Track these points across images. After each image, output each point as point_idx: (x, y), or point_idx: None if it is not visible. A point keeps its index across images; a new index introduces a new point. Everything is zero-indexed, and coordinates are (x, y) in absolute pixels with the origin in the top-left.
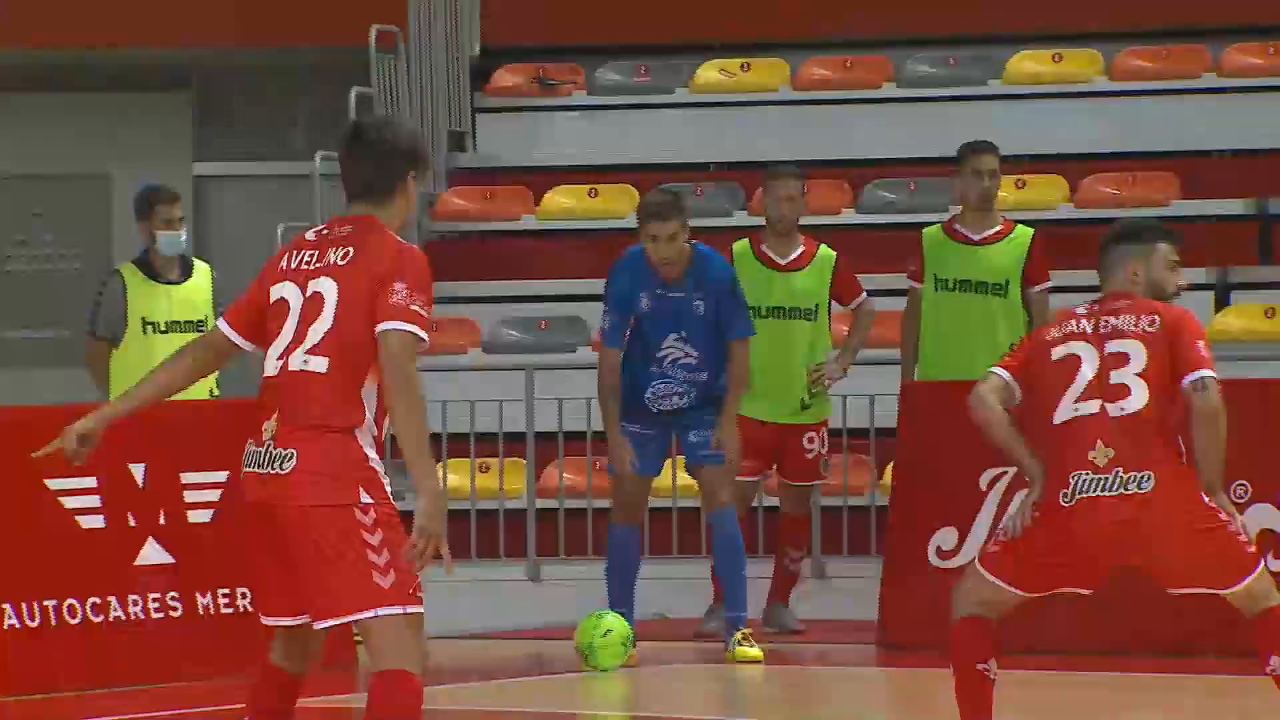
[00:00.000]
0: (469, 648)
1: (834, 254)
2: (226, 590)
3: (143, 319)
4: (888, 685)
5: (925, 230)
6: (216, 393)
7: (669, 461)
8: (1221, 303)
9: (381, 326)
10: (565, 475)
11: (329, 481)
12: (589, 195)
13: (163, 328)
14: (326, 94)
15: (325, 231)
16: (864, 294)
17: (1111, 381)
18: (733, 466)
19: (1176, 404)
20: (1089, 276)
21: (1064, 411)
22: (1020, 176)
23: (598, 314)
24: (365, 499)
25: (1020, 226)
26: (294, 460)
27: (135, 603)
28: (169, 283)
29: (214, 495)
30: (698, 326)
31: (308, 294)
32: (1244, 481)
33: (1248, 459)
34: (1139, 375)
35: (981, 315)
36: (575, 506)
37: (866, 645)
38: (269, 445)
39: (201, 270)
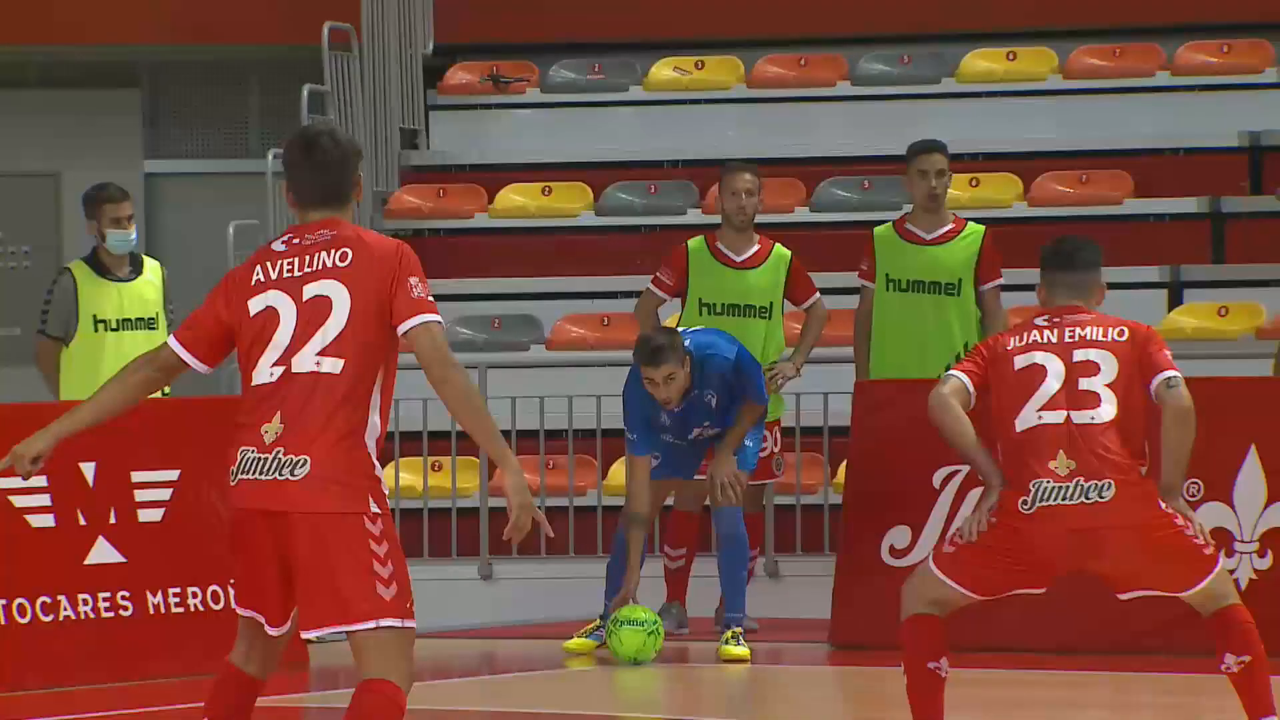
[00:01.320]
0: (421, 646)
1: (789, 253)
2: (178, 589)
3: (94, 316)
4: (840, 684)
5: (876, 230)
6: (167, 391)
7: None
8: (1174, 301)
9: (411, 323)
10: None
11: (340, 489)
12: (542, 193)
13: (114, 325)
14: (278, 92)
15: (297, 240)
16: (817, 293)
17: (1080, 389)
18: (742, 473)
19: (1140, 415)
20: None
21: (1026, 419)
22: (974, 175)
23: (551, 312)
24: (374, 509)
25: (971, 224)
26: (307, 466)
27: (86, 602)
28: (119, 280)
29: (165, 494)
30: (715, 414)
31: (305, 299)
32: (1197, 480)
33: (1200, 458)
34: (1108, 385)
35: (934, 314)
36: None
37: (819, 644)
38: (276, 452)
39: (152, 267)
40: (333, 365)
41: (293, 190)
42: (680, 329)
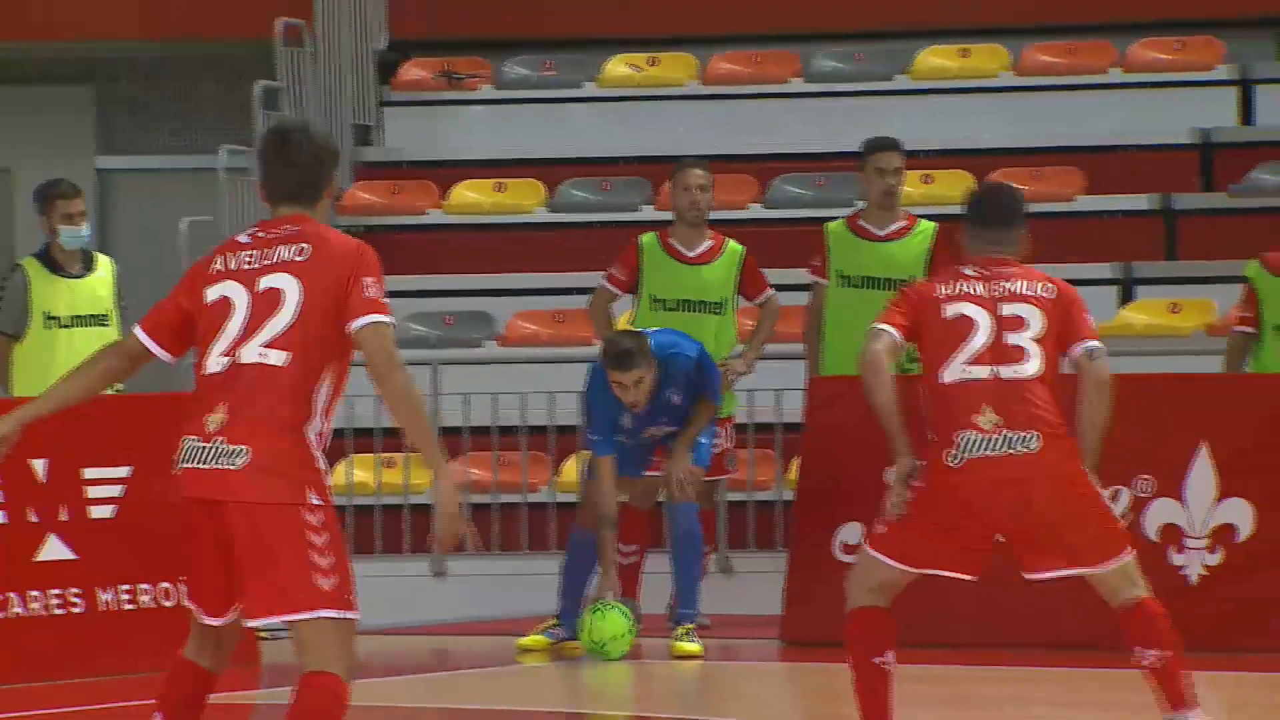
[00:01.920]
0: (373, 643)
1: (742, 248)
2: (128, 586)
3: (45, 313)
4: (792, 679)
5: (828, 225)
6: (119, 387)
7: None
8: (1126, 297)
9: (361, 321)
10: (471, 470)
11: (278, 480)
12: (496, 189)
13: (65, 321)
14: (231, 87)
15: (262, 233)
16: (771, 289)
17: (1007, 343)
18: (698, 470)
19: (1058, 372)
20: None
21: (953, 372)
22: (927, 171)
23: (504, 308)
24: (313, 499)
25: (924, 221)
26: (245, 456)
27: (37, 599)
28: (71, 276)
29: (116, 491)
30: (676, 411)
31: (258, 290)
32: (1148, 476)
33: (1152, 454)
34: (1035, 340)
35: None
36: (480, 502)
37: (771, 640)
38: (216, 441)
39: (104, 264)
40: (278, 358)
41: (265, 185)
42: (640, 330)
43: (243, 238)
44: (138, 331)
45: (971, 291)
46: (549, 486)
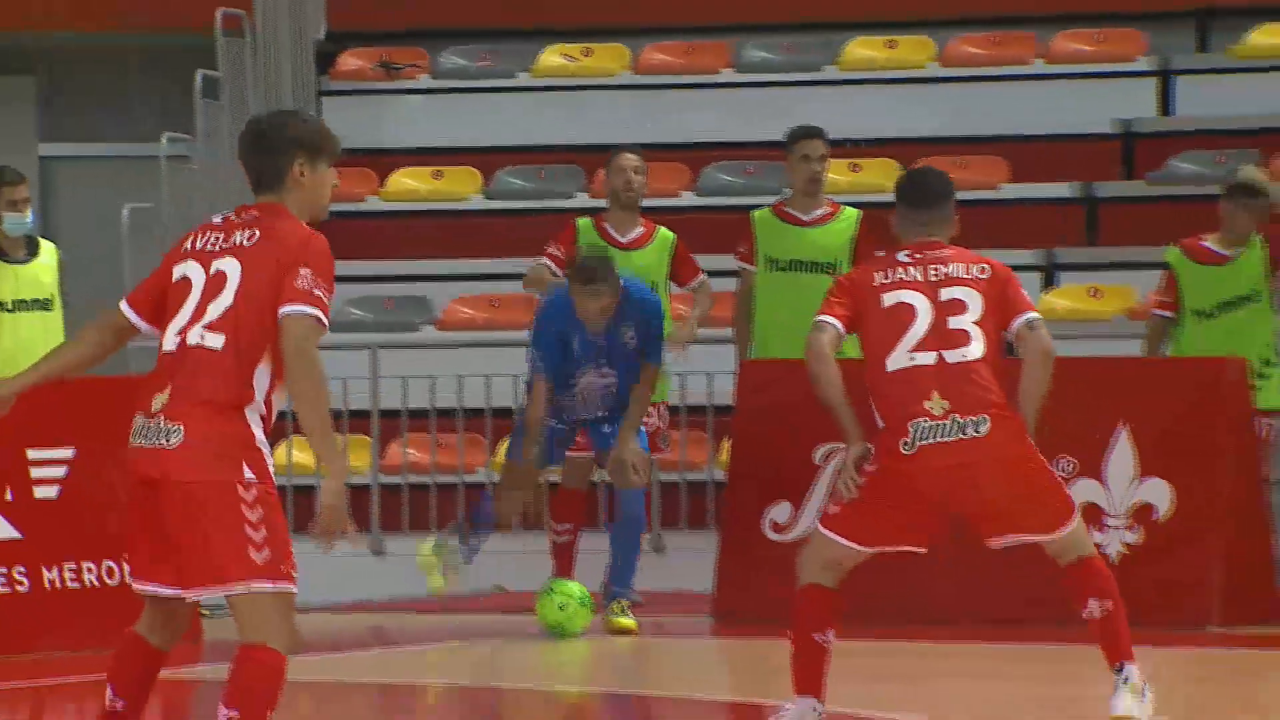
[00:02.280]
0: (312, 621)
1: (673, 235)
2: (74, 565)
3: None
4: (722, 653)
5: (754, 213)
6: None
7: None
8: (1048, 283)
9: (285, 309)
10: (409, 451)
11: (212, 458)
12: (433, 177)
13: (9, 306)
14: (173, 77)
15: (233, 217)
16: (703, 274)
17: (949, 328)
18: (646, 455)
19: (999, 351)
20: None
21: (898, 360)
22: (855, 161)
23: (442, 293)
24: (248, 476)
25: (847, 208)
26: (180, 435)
27: None
28: (15, 262)
29: (60, 471)
30: (626, 356)
31: (211, 273)
32: (1070, 458)
33: (1073, 435)
34: (976, 323)
35: (814, 293)
36: (418, 482)
37: (703, 617)
38: (158, 419)
39: (48, 250)
40: (214, 341)
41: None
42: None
43: (217, 219)
44: (123, 305)
45: (908, 278)
46: (485, 467)
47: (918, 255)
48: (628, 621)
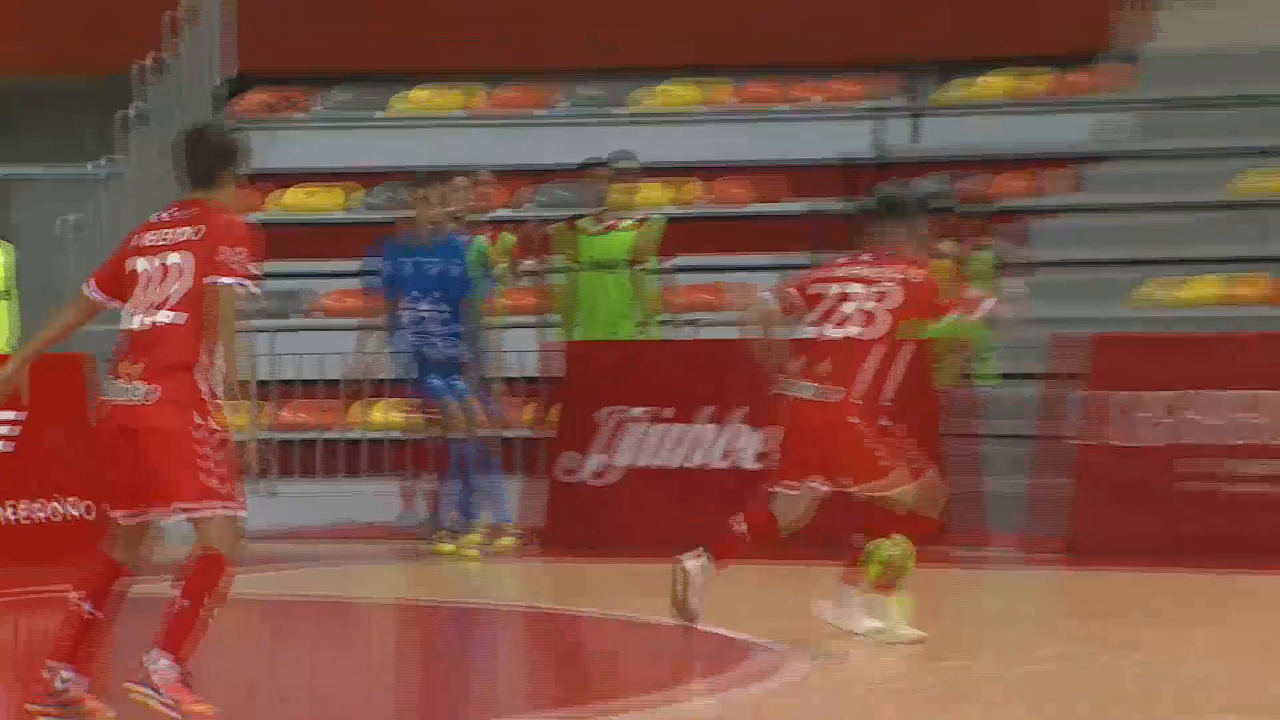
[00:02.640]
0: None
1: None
2: (27, 504)
3: None
4: (546, 574)
5: (554, 225)
6: (14, 345)
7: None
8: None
9: (210, 279)
10: (300, 414)
11: (176, 409)
12: (313, 195)
13: None
14: (110, 109)
15: (174, 213)
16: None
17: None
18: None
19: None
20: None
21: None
22: (643, 183)
23: (322, 287)
24: (199, 421)
25: (629, 220)
26: (157, 394)
27: None
28: None
29: (12, 430)
30: (450, 286)
31: (165, 264)
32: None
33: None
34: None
35: (614, 287)
36: (306, 437)
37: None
38: (134, 381)
39: (4, 249)
40: (177, 318)
41: (180, 173)
42: None
43: (164, 215)
44: (89, 288)
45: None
46: (361, 428)
47: (860, 258)
48: (474, 540)
